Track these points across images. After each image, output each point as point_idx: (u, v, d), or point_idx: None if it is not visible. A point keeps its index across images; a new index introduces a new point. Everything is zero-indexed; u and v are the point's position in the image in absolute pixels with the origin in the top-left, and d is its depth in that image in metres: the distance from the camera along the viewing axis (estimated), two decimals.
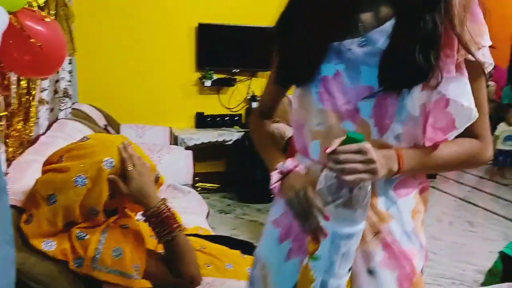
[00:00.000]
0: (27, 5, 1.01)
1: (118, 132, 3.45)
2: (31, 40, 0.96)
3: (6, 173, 1.31)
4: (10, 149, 1.49)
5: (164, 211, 1.16)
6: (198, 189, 3.97)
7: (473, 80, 0.77)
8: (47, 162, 1.19)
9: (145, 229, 1.22)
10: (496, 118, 5.05)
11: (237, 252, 1.54)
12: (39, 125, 2.13)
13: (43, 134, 2.01)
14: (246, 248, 1.76)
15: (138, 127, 3.55)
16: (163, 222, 1.15)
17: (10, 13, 0.91)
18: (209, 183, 4.03)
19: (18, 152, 1.58)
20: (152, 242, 1.26)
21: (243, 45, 4.03)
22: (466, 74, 0.76)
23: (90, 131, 2.46)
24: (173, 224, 1.16)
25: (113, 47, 3.75)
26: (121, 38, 3.76)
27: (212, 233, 2.03)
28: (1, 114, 1.32)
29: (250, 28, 3.99)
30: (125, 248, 1.08)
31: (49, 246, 1.08)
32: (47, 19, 1.06)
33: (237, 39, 4.01)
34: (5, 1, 0.87)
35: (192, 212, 2.28)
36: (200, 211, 2.37)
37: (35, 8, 1.12)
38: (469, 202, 3.88)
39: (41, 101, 2.13)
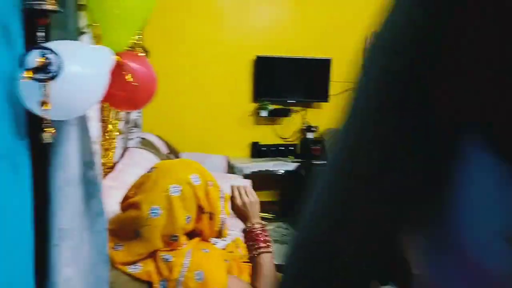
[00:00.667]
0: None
1: None
2: (129, 79, 1.07)
3: None
4: None
5: (258, 230, 1.27)
6: None
7: None
8: (125, 198, 1.26)
9: (224, 256, 1.28)
10: None
11: None
12: (114, 153, 2.28)
13: (117, 162, 2.15)
14: None
15: (197, 156, 3.69)
16: (254, 239, 1.26)
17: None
18: (264, 213, 4.05)
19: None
20: (234, 268, 1.32)
21: (298, 76, 4.13)
22: None
23: (156, 159, 2.59)
24: (261, 242, 1.24)
25: (173, 78, 3.96)
26: (181, 70, 3.97)
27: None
28: (102, 143, 1.45)
29: (304, 60, 4.08)
30: (206, 272, 1.13)
31: (134, 268, 1.15)
32: (140, 54, 1.17)
33: (293, 71, 4.11)
34: (113, 43, 0.99)
35: None
36: None
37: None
38: None
39: (119, 131, 2.29)
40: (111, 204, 1.41)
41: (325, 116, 4.26)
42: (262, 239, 1.28)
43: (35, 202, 0.96)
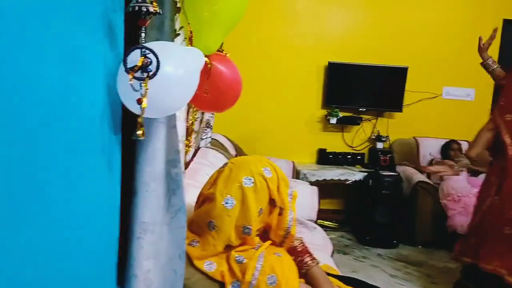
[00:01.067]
0: None
1: None
2: (206, 90, 1.08)
3: None
4: None
5: (298, 247, 1.28)
6: (318, 225, 3.97)
7: None
8: (200, 195, 1.29)
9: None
10: None
11: None
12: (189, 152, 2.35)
13: (191, 160, 2.21)
14: None
15: None
16: (298, 255, 1.27)
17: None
18: (327, 221, 3.98)
19: None
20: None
21: (370, 84, 4.01)
22: None
23: (225, 159, 2.63)
24: (307, 257, 1.27)
25: (245, 81, 3.99)
26: (253, 73, 4.00)
27: (339, 273, 1.99)
28: (184, 141, 1.50)
29: (378, 68, 3.96)
30: (279, 277, 1.12)
31: (209, 267, 1.17)
32: (227, 54, 1.19)
33: (365, 78, 4.00)
34: (203, 45, 1.01)
35: (318, 249, 2.26)
36: (325, 249, 2.35)
37: None
38: None
39: (194, 131, 2.36)
40: (188, 201, 1.45)
41: (396, 126, 4.09)
42: (306, 253, 1.28)
43: (122, 196, 1.01)
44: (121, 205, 1.02)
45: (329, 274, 1.74)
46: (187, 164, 2.06)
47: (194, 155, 2.36)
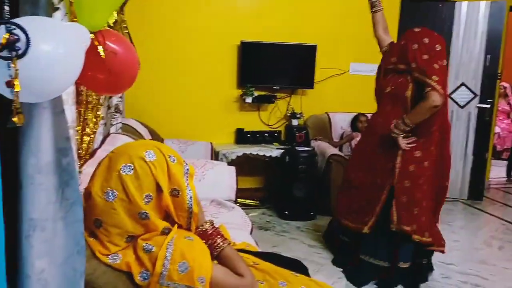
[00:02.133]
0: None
1: None
2: (101, 53, 0.99)
3: None
4: None
5: (208, 230, 1.23)
6: (237, 204, 4.00)
7: None
8: (86, 187, 1.18)
9: None
10: None
11: (289, 272, 1.52)
12: (95, 139, 2.21)
13: (99, 148, 2.08)
14: (295, 266, 1.75)
15: (180, 142, 3.62)
16: (209, 238, 1.22)
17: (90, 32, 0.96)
18: (248, 199, 4.03)
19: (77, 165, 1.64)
20: None
21: (283, 62, 4.07)
22: None
23: None
24: (218, 239, 1.23)
25: (157, 63, 3.86)
26: (165, 55, 3.87)
27: (258, 249, 2.01)
28: (76, 128, 1.38)
29: (290, 46, 4.03)
30: (190, 262, 1.09)
31: (113, 259, 1.10)
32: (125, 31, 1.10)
33: (278, 57, 4.05)
34: (88, 22, 0.92)
35: (237, 227, 2.28)
36: (245, 227, 2.37)
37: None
38: None
39: (99, 117, 2.21)
40: None
41: (309, 103, 4.22)
42: (217, 235, 1.24)
43: (4, 191, 0.90)
44: (6, 201, 0.91)
45: (248, 252, 1.76)
46: (94, 152, 1.93)
47: (103, 142, 2.23)
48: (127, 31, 2.37)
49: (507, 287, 2.62)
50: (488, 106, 4.25)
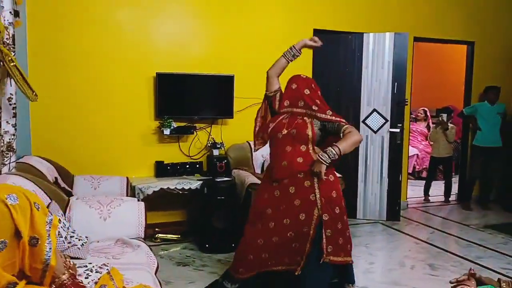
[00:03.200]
0: None
1: (71, 184, 3.34)
2: None
3: None
4: None
5: (65, 282, 1.17)
6: (157, 240, 3.86)
7: None
8: None
9: None
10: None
11: None
12: None
13: None
14: None
15: (93, 178, 3.45)
16: None
17: None
18: (170, 234, 3.90)
19: None
20: None
21: (201, 93, 4.07)
22: None
23: (31, 185, 2.36)
24: None
25: (68, 95, 3.71)
26: (77, 86, 3.74)
27: None
28: None
29: (207, 77, 4.05)
30: None
31: None
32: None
33: (195, 88, 4.05)
34: None
35: (139, 268, 2.17)
36: (149, 266, 2.26)
37: None
38: (431, 244, 3.88)
39: None
40: None
41: (230, 132, 4.23)
42: (74, 287, 1.18)
43: None
44: None
45: None
46: None
47: None
48: (13, 63, 2.24)
49: None
50: (398, 130, 4.50)
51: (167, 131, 3.92)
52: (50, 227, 1.12)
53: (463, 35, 5.37)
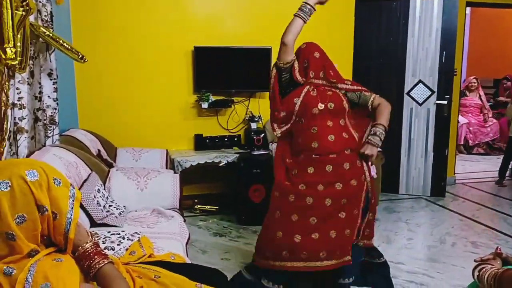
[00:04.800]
0: None
1: (114, 156, 3.49)
2: None
3: None
4: None
5: (88, 250, 1.21)
6: (197, 211, 3.98)
7: None
8: None
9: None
10: None
11: (193, 283, 1.51)
12: (18, 153, 2.17)
13: None
14: (212, 276, 1.73)
15: (135, 151, 3.59)
16: (87, 260, 1.20)
17: None
18: (209, 205, 4.01)
19: None
20: None
21: (239, 66, 4.05)
22: None
23: (73, 157, 2.49)
24: (95, 259, 1.20)
25: (110, 72, 3.83)
26: (118, 62, 3.84)
27: (186, 259, 1.99)
28: None
29: (245, 49, 4.02)
30: (54, 284, 1.06)
31: None
32: None
33: (233, 61, 4.04)
34: None
35: (171, 237, 2.26)
36: (181, 236, 2.34)
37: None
38: (477, 221, 3.72)
39: (21, 130, 2.18)
40: None
41: (267, 106, 4.19)
42: (96, 255, 1.22)
43: None
44: None
45: (165, 263, 1.74)
46: None
47: (28, 156, 2.19)
48: (49, 35, 2.34)
49: (453, 285, 2.62)
50: (445, 102, 4.26)
51: (205, 105, 3.96)
52: (73, 201, 1.18)
53: None
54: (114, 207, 2.48)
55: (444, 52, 4.22)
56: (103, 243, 1.89)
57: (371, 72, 4.43)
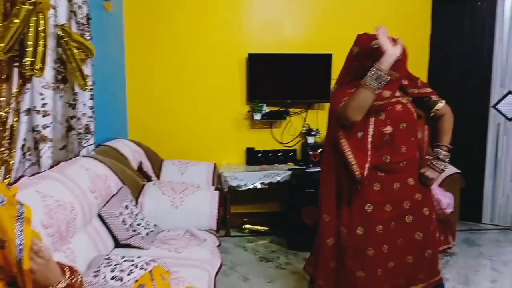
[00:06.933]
0: None
1: (159, 169, 3.30)
2: None
3: None
4: None
5: None
6: (245, 231, 3.67)
7: None
8: None
9: None
10: None
11: None
12: (40, 163, 2.02)
13: (35, 174, 1.88)
14: None
15: (181, 163, 3.38)
16: None
17: None
18: (258, 225, 3.68)
19: None
20: None
21: (296, 75, 3.72)
22: None
23: (103, 168, 2.31)
24: None
25: (160, 81, 3.70)
26: (169, 70, 3.71)
27: None
28: None
29: (303, 56, 3.69)
30: None
31: None
32: None
33: (289, 69, 3.72)
34: None
35: (199, 266, 1.97)
36: (210, 265, 2.04)
37: None
38: None
39: (44, 139, 2.03)
40: None
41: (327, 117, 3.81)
42: None
43: None
44: None
45: None
46: (19, 178, 1.74)
47: (52, 167, 2.03)
48: (69, 49, 2.16)
49: None
50: None
51: (257, 116, 3.67)
52: (21, 222, 0.93)
53: None
54: (142, 226, 2.25)
55: None
56: (112, 271, 1.63)
57: (450, 81, 3.86)
